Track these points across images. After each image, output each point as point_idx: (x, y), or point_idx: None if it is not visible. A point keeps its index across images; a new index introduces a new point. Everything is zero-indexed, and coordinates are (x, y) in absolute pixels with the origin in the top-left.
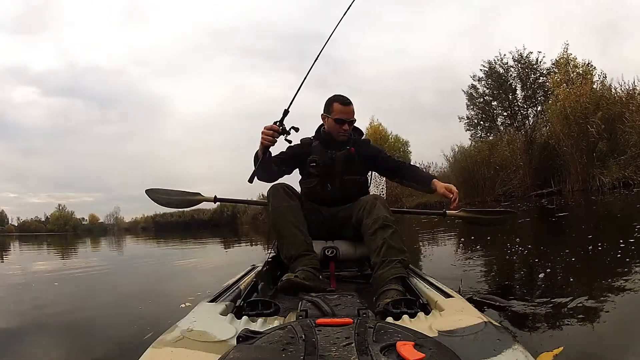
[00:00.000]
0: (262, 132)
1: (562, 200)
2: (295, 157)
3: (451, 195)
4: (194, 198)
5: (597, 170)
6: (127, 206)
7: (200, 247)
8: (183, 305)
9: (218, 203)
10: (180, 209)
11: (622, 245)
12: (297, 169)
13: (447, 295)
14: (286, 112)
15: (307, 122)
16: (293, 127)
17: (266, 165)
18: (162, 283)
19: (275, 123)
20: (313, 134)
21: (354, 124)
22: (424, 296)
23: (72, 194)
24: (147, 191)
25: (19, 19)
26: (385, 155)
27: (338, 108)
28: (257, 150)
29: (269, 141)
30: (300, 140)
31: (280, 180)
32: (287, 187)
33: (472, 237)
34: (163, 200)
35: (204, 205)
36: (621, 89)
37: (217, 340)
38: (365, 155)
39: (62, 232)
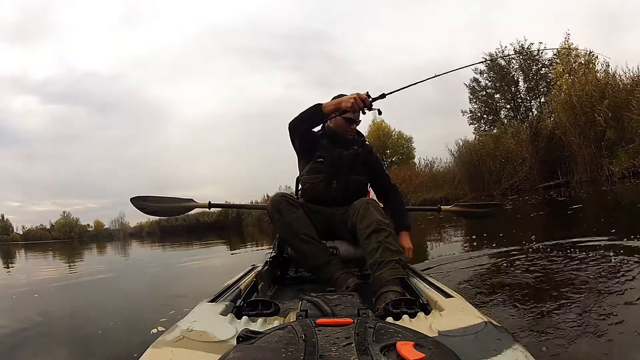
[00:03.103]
0: (353, 97)
1: (571, 191)
2: (309, 143)
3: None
4: (187, 205)
5: (606, 160)
6: (132, 211)
7: (202, 251)
8: (155, 330)
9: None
10: (172, 217)
11: None
12: (298, 164)
13: (447, 295)
14: (383, 95)
15: None
16: (379, 110)
17: (320, 120)
18: (141, 297)
19: (366, 94)
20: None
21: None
22: (424, 296)
23: (76, 201)
24: (132, 199)
25: (16, 27)
26: (383, 171)
27: None
28: (324, 104)
29: (357, 106)
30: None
31: (278, 189)
32: (288, 197)
33: (485, 235)
34: (150, 208)
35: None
36: (625, 77)
37: (217, 340)
38: (366, 160)
39: (67, 239)
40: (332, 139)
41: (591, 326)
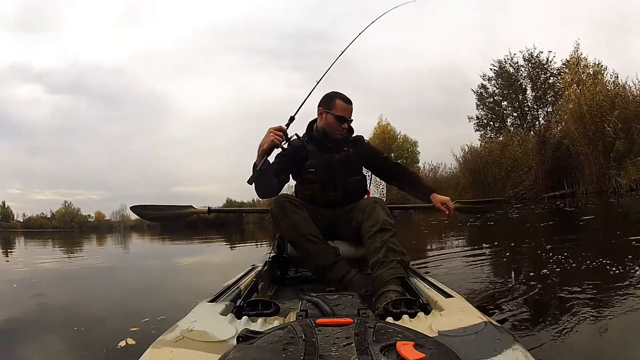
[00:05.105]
0: (270, 132)
1: (578, 202)
2: (292, 161)
3: (446, 212)
4: (186, 211)
5: (614, 172)
6: (133, 204)
7: (200, 247)
8: (123, 343)
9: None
10: (173, 221)
11: None
12: (292, 176)
13: (447, 295)
14: (292, 119)
15: (307, 120)
16: (296, 134)
17: (267, 173)
18: (121, 298)
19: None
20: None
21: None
22: (424, 296)
23: (78, 191)
24: (132, 208)
25: (21, 16)
26: (383, 156)
27: (341, 105)
28: (255, 161)
29: (278, 140)
30: (290, 143)
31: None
32: (292, 199)
33: (496, 243)
34: (151, 216)
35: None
36: (636, 88)
37: (217, 340)
38: (361, 154)
39: (68, 229)
40: (319, 144)
41: (592, 327)
